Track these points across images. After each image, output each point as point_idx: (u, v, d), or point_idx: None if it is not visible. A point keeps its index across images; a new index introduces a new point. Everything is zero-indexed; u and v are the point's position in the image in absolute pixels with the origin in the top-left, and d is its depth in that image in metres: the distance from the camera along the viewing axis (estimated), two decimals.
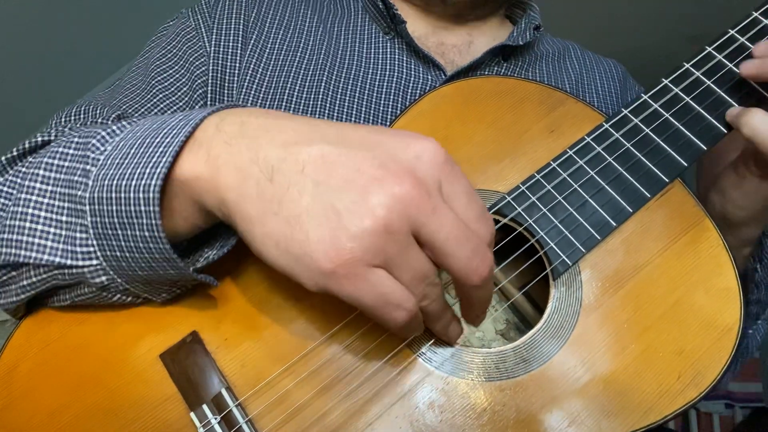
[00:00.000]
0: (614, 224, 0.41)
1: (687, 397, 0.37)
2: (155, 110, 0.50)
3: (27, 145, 0.40)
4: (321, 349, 0.37)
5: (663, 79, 0.44)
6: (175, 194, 0.32)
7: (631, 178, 0.42)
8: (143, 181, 0.31)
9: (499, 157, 0.44)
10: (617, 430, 0.36)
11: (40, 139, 0.40)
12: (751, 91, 0.42)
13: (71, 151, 0.35)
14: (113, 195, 0.32)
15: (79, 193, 0.34)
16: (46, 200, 0.35)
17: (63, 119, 0.48)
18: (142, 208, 0.31)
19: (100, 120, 0.46)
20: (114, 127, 0.35)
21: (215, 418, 0.35)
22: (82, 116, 0.48)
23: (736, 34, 0.44)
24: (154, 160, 0.31)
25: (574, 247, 0.41)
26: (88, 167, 0.34)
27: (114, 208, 0.32)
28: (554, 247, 0.41)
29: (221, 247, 0.36)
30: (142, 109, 0.49)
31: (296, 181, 0.29)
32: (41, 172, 0.35)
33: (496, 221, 0.42)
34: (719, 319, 0.39)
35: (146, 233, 0.32)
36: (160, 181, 0.31)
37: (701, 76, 0.43)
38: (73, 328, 0.39)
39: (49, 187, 0.35)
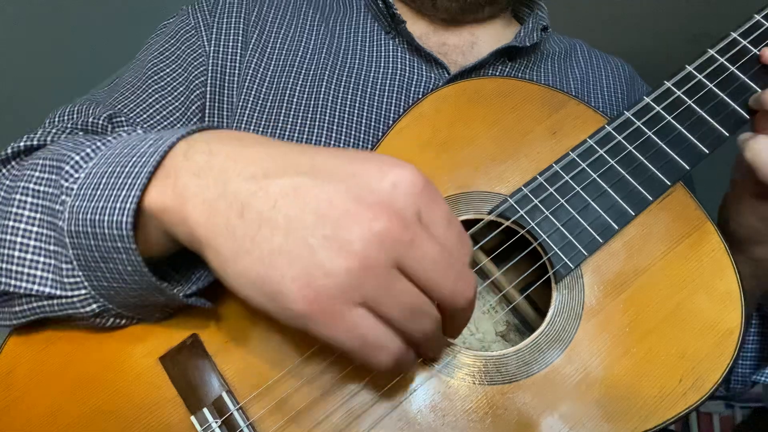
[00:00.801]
0: (616, 227, 0.41)
1: (688, 401, 0.37)
2: (151, 110, 0.50)
3: (10, 151, 0.40)
4: (323, 353, 0.37)
5: (665, 82, 0.44)
6: (145, 223, 0.32)
7: (634, 182, 0.42)
8: (114, 218, 0.30)
9: (501, 159, 0.44)
10: None
11: (22, 144, 0.40)
12: (752, 95, 0.42)
13: (46, 176, 0.35)
14: (89, 230, 0.32)
15: (60, 223, 0.33)
16: (35, 228, 0.34)
17: (56, 119, 0.48)
18: (119, 245, 0.31)
19: (91, 119, 0.46)
20: (88, 150, 0.34)
21: (216, 422, 0.35)
22: (75, 116, 0.48)
23: (738, 37, 0.44)
24: (123, 193, 0.30)
25: (577, 250, 0.40)
26: (63, 197, 0.33)
27: (92, 242, 0.32)
28: (556, 250, 0.41)
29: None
30: (138, 109, 0.49)
31: (268, 217, 0.28)
32: (28, 198, 0.35)
33: (499, 224, 0.42)
34: (721, 322, 0.39)
35: (128, 267, 0.32)
36: (130, 218, 0.30)
37: (704, 79, 0.43)
38: (72, 329, 0.38)
39: (38, 215, 0.34)
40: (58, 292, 0.34)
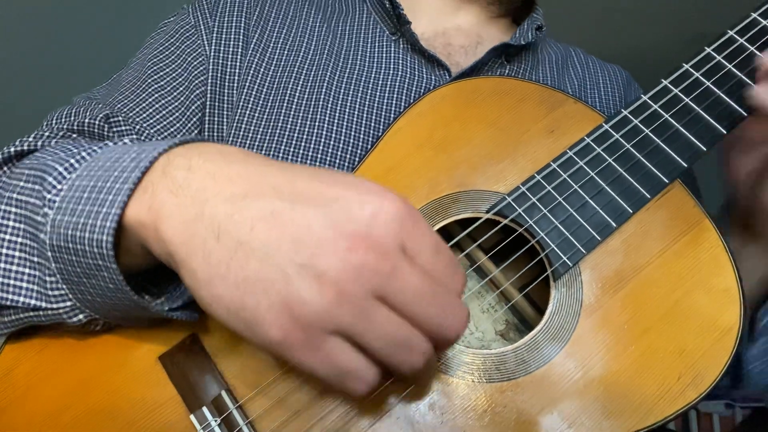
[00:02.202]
0: (614, 225, 0.41)
1: (687, 398, 0.37)
2: (150, 110, 0.50)
3: (0, 157, 0.40)
4: None
5: (662, 80, 0.44)
6: (125, 237, 0.31)
7: (631, 179, 0.42)
8: (95, 236, 0.30)
9: (499, 158, 0.44)
10: (617, 431, 0.36)
11: (12, 150, 0.40)
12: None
13: (30, 185, 0.34)
14: (70, 246, 0.31)
15: (41, 236, 0.33)
16: (20, 239, 0.34)
17: (53, 120, 0.48)
18: (100, 262, 0.31)
19: (87, 120, 0.46)
20: (72, 160, 0.34)
21: (215, 420, 0.35)
22: (71, 117, 0.48)
23: (735, 35, 0.44)
24: (104, 211, 0.30)
25: (575, 248, 0.40)
26: (45, 209, 0.33)
27: (74, 258, 0.32)
28: (555, 248, 0.41)
29: None
30: (137, 108, 0.49)
31: (245, 241, 0.27)
32: (12, 209, 0.35)
33: (497, 222, 0.42)
34: (719, 319, 0.39)
35: (110, 285, 0.32)
36: (110, 237, 0.30)
37: (701, 77, 0.43)
38: (71, 329, 0.38)
39: (22, 225, 0.34)
40: (44, 304, 0.34)
